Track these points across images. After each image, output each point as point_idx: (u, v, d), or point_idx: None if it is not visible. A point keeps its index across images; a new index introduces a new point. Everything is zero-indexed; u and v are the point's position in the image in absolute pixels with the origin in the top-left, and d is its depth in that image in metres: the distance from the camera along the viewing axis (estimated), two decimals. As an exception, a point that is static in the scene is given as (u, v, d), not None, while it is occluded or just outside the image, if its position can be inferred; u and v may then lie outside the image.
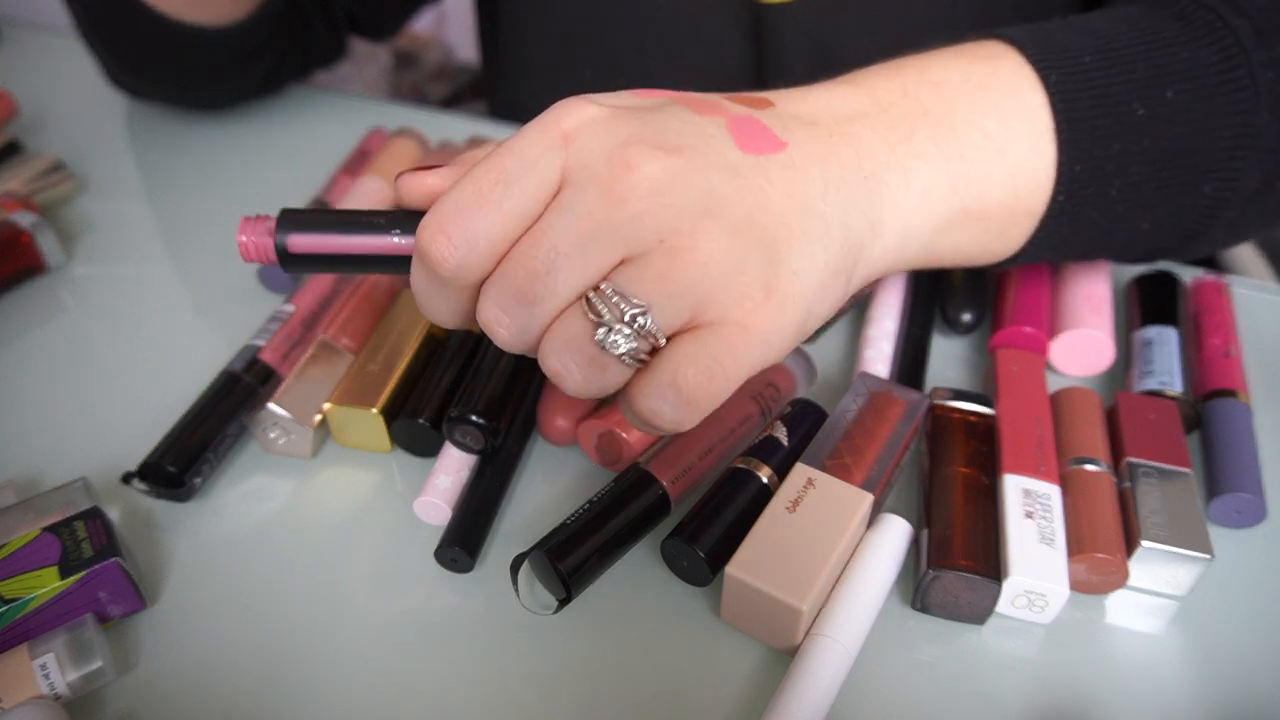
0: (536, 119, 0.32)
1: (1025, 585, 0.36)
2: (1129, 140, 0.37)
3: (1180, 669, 0.37)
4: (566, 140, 0.31)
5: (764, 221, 0.32)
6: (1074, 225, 0.40)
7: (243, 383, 0.44)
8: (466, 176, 0.31)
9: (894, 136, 0.36)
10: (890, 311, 0.50)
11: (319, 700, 0.36)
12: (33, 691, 0.34)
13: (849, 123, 0.35)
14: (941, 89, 0.37)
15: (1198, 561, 0.37)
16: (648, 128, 0.31)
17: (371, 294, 0.49)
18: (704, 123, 0.33)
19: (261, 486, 0.43)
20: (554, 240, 0.30)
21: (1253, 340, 0.49)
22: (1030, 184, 0.38)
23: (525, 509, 0.43)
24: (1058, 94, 0.37)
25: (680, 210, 0.30)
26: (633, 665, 0.37)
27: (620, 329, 0.30)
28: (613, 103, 0.32)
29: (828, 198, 0.34)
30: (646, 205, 0.30)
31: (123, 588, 0.37)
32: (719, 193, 0.31)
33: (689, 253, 0.30)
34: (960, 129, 0.37)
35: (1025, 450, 0.41)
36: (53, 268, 0.55)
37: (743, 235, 0.31)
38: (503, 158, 0.31)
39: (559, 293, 0.30)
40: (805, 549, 0.36)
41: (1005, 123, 0.37)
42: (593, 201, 0.30)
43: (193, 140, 0.67)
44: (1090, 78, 0.37)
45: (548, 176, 0.31)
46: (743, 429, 0.43)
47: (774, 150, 0.33)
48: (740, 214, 0.31)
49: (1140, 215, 0.40)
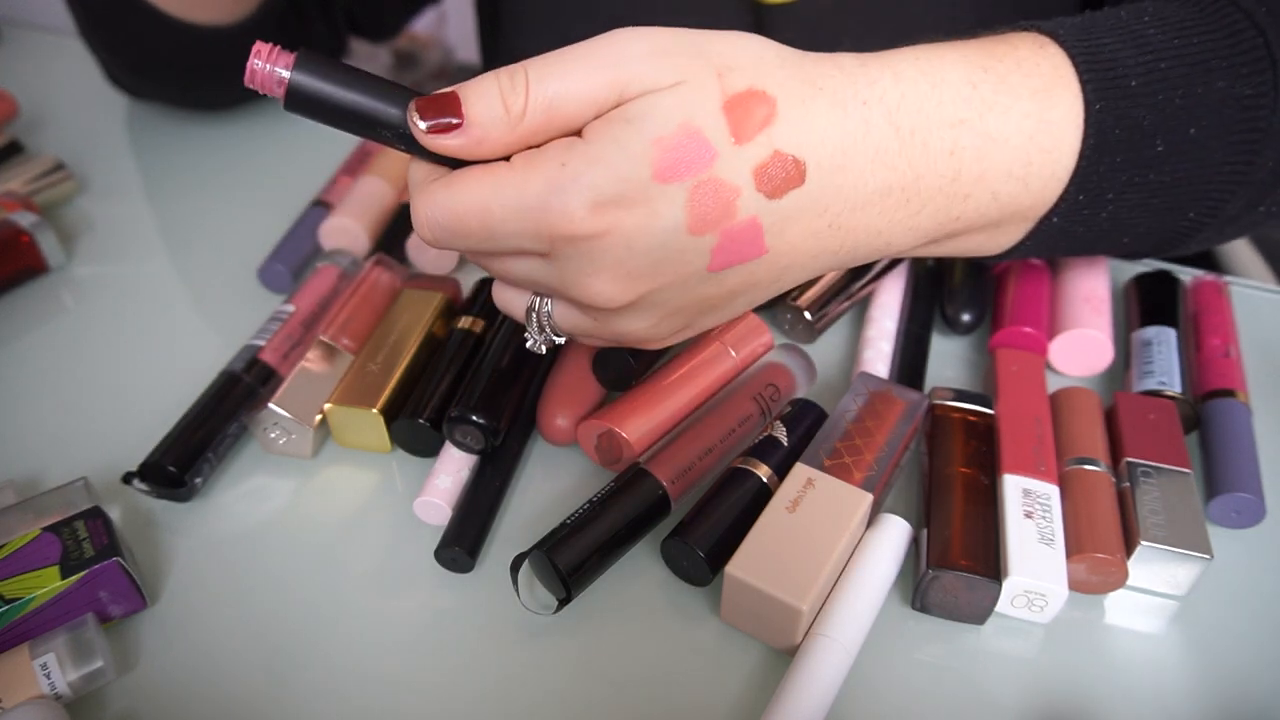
0: (534, 203, 0.32)
1: (1025, 585, 0.36)
2: (1137, 173, 0.37)
3: (1180, 669, 0.37)
4: (552, 245, 0.32)
5: (694, 317, 0.37)
6: (1060, 238, 0.40)
7: (243, 383, 0.44)
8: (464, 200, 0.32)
9: (902, 213, 0.36)
10: (890, 311, 0.50)
11: (319, 699, 0.36)
12: (33, 691, 0.34)
13: (862, 207, 0.35)
14: (988, 148, 0.35)
15: (1197, 561, 0.37)
16: (636, 254, 0.32)
17: (371, 294, 0.49)
18: (688, 248, 0.33)
19: (261, 486, 0.44)
20: (516, 280, 0.36)
21: (1252, 340, 0.49)
22: (1018, 219, 0.38)
23: (525, 509, 0.43)
24: (1094, 137, 0.36)
25: (623, 317, 0.35)
26: (633, 665, 0.37)
27: (537, 337, 0.38)
28: (627, 201, 0.32)
29: (777, 282, 0.36)
30: (597, 311, 0.35)
31: (123, 587, 0.37)
32: (669, 306, 0.35)
33: (614, 331, 0.36)
34: (974, 195, 0.36)
35: (1025, 450, 0.41)
36: (53, 268, 0.55)
37: (666, 325, 0.36)
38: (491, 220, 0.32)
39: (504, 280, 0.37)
40: (805, 549, 0.36)
41: (1025, 181, 0.36)
42: (556, 288, 0.35)
43: (193, 140, 0.67)
44: (1129, 112, 0.36)
45: (527, 250, 0.34)
46: (743, 429, 0.43)
47: (746, 260, 0.34)
48: (677, 311, 0.36)
49: (1124, 232, 0.40)
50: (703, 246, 0.33)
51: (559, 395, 0.44)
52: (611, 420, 0.41)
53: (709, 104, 0.32)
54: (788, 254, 0.34)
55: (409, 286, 0.49)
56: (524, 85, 0.32)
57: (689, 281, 0.34)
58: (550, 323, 0.37)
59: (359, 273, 0.51)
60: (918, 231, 0.37)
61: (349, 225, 0.54)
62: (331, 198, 0.57)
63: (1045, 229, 0.39)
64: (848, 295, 0.49)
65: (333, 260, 0.52)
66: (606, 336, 0.37)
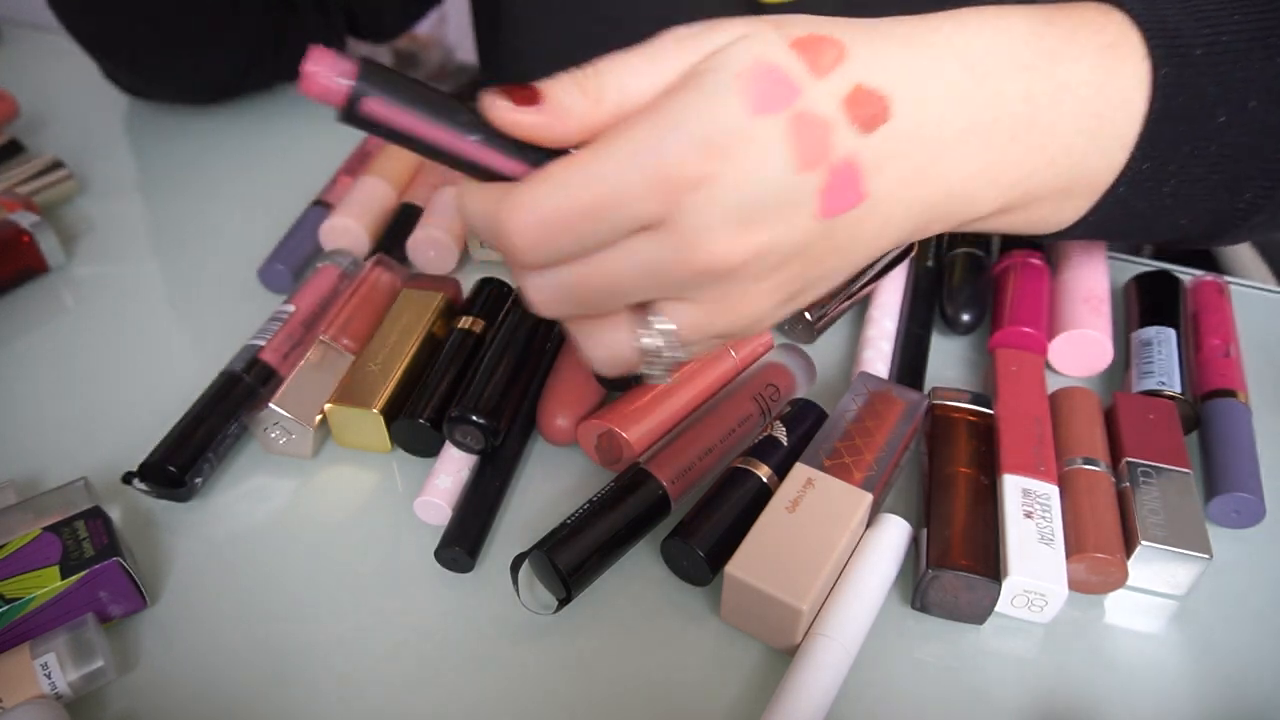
0: (642, 148, 0.30)
1: (1024, 585, 0.36)
2: (1200, 143, 0.38)
3: (1180, 669, 0.37)
4: (667, 197, 0.31)
5: (803, 284, 0.35)
6: (1122, 214, 0.40)
7: (243, 383, 0.44)
8: (564, 186, 0.31)
9: (983, 159, 0.35)
10: (890, 311, 0.50)
11: (319, 699, 0.36)
12: (34, 691, 0.34)
13: (948, 149, 0.34)
14: (1060, 95, 0.35)
15: (1197, 561, 0.37)
16: (749, 198, 0.31)
17: (371, 294, 0.49)
18: (798, 187, 0.32)
19: (261, 486, 0.44)
20: (626, 282, 0.33)
21: (1252, 340, 0.49)
22: (1087, 187, 0.38)
23: (525, 509, 0.43)
24: (1159, 101, 0.36)
25: (740, 284, 0.33)
26: (633, 665, 0.37)
27: (662, 362, 0.35)
28: (728, 144, 0.31)
29: (881, 234, 0.35)
30: (714, 278, 0.33)
31: (123, 587, 0.37)
32: (781, 267, 0.33)
33: (731, 310, 0.34)
34: (1049, 147, 0.36)
35: (1025, 450, 0.41)
36: (53, 268, 0.55)
37: (780, 292, 0.34)
38: (602, 188, 0.30)
39: (611, 307, 0.34)
40: (805, 549, 0.36)
41: (1095, 138, 0.37)
42: (671, 263, 0.32)
43: (193, 140, 0.67)
44: (1194, 81, 0.37)
45: (641, 220, 0.31)
46: (743, 429, 0.43)
47: (851, 207, 0.33)
48: (789, 277, 0.34)
49: (1183, 211, 0.40)
50: (810, 186, 0.32)
51: (559, 395, 0.44)
52: (611, 420, 0.41)
53: (778, 46, 0.32)
54: (886, 202, 0.34)
55: (409, 286, 0.49)
56: (595, 74, 0.32)
57: (800, 232, 0.33)
58: (667, 336, 0.34)
59: (359, 273, 0.51)
60: (998, 187, 0.36)
61: (349, 225, 0.54)
62: (331, 198, 0.57)
63: (1110, 201, 0.39)
64: (848, 295, 0.49)
65: (333, 260, 0.52)
66: (722, 326, 0.35)
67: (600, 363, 0.35)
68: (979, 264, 0.52)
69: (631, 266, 0.32)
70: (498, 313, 0.48)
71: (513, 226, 0.31)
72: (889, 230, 0.35)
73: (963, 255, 0.52)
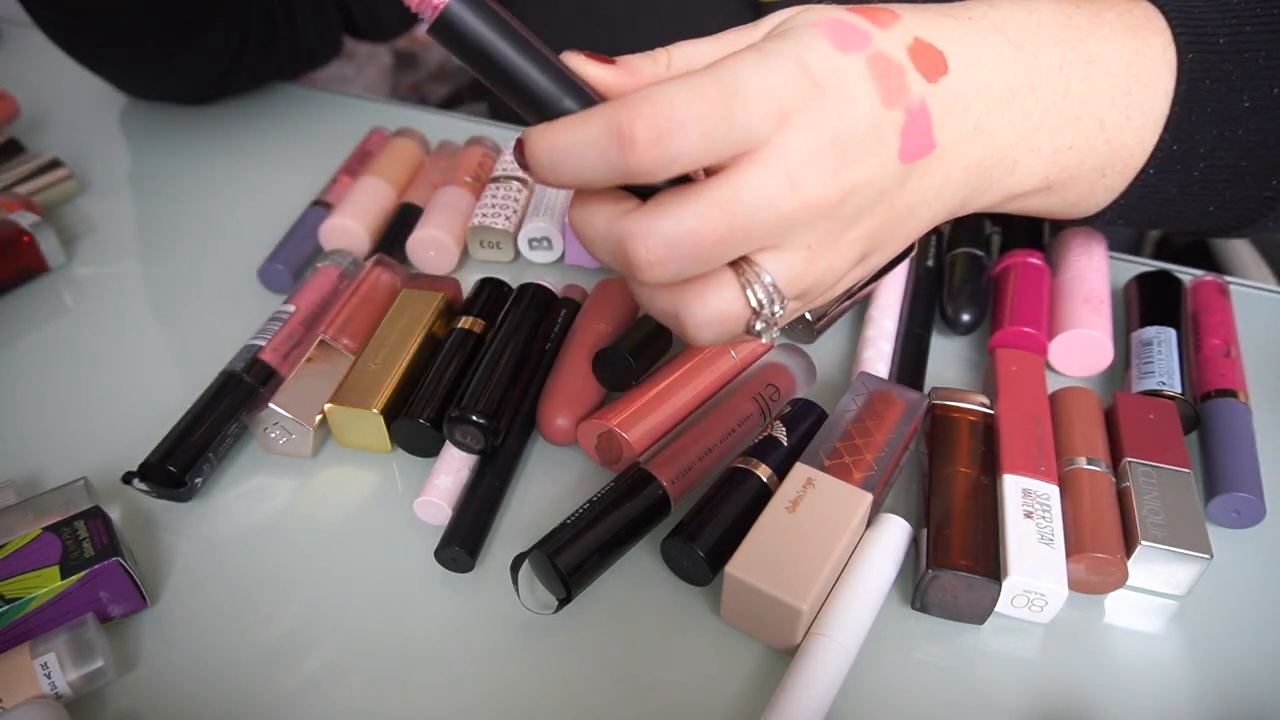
0: (761, 68, 0.31)
1: (1024, 585, 0.36)
2: (1227, 127, 0.39)
3: (1180, 669, 0.37)
4: (783, 120, 0.31)
5: (877, 242, 0.36)
6: (1153, 198, 0.41)
7: (243, 383, 0.44)
8: (691, 85, 0.31)
9: (1025, 125, 0.37)
10: (890, 312, 0.50)
11: (319, 699, 0.36)
12: (34, 691, 0.34)
13: (996, 110, 0.36)
14: (1092, 68, 0.37)
15: (1197, 561, 0.37)
16: (845, 130, 0.32)
17: (371, 294, 0.49)
18: (884, 122, 0.33)
19: (261, 486, 0.44)
20: (743, 219, 0.31)
21: (1252, 340, 0.49)
22: (1120, 167, 0.40)
23: (525, 509, 0.43)
24: (1186, 83, 0.38)
25: (835, 227, 0.34)
26: (633, 665, 0.37)
27: (765, 317, 0.34)
28: (822, 78, 0.32)
29: (940, 197, 0.36)
30: (814, 214, 0.33)
31: (124, 587, 0.37)
32: (867, 212, 0.34)
33: (820, 260, 0.34)
34: (1083, 119, 0.38)
35: (1025, 450, 0.41)
36: (53, 268, 0.55)
37: (860, 246, 0.35)
38: (730, 99, 0.30)
39: (719, 257, 0.33)
40: (805, 549, 0.36)
41: (1127, 114, 0.38)
42: (780, 197, 0.32)
43: (193, 141, 0.67)
44: (1219, 65, 0.38)
45: (756, 140, 0.31)
46: (743, 429, 0.43)
47: (924, 154, 0.34)
48: (869, 229, 0.35)
49: (1212, 197, 0.41)
50: (893, 123, 0.33)
51: (559, 395, 0.44)
52: (611, 420, 0.41)
53: (837, 10, 0.33)
54: (948, 157, 0.35)
55: (409, 286, 0.49)
56: (665, 50, 0.34)
57: (886, 173, 0.34)
58: (768, 289, 0.34)
59: (359, 273, 0.51)
60: (1039, 156, 0.38)
61: (349, 225, 0.54)
62: (331, 198, 0.57)
63: (1141, 184, 0.40)
64: (848, 295, 0.49)
65: (333, 260, 0.52)
66: (811, 279, 0.34)
67: (710, 328, 0.34)
68: (979, 264, 0.52)
69: (744, 204, 0.31)
70: (498, 313, 0.48)
71: (638, 113, 0.30)
72: (947, 192, 0.36)
73: (963, 255, 0.52)
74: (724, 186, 0.31)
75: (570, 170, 0.31)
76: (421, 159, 0.61)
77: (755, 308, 0.34)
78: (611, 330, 0.46)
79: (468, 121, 0.69)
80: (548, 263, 0.56)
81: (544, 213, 0.55)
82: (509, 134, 0.66)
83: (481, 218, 0.55)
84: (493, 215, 0.55)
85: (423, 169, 0.61)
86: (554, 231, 0.54)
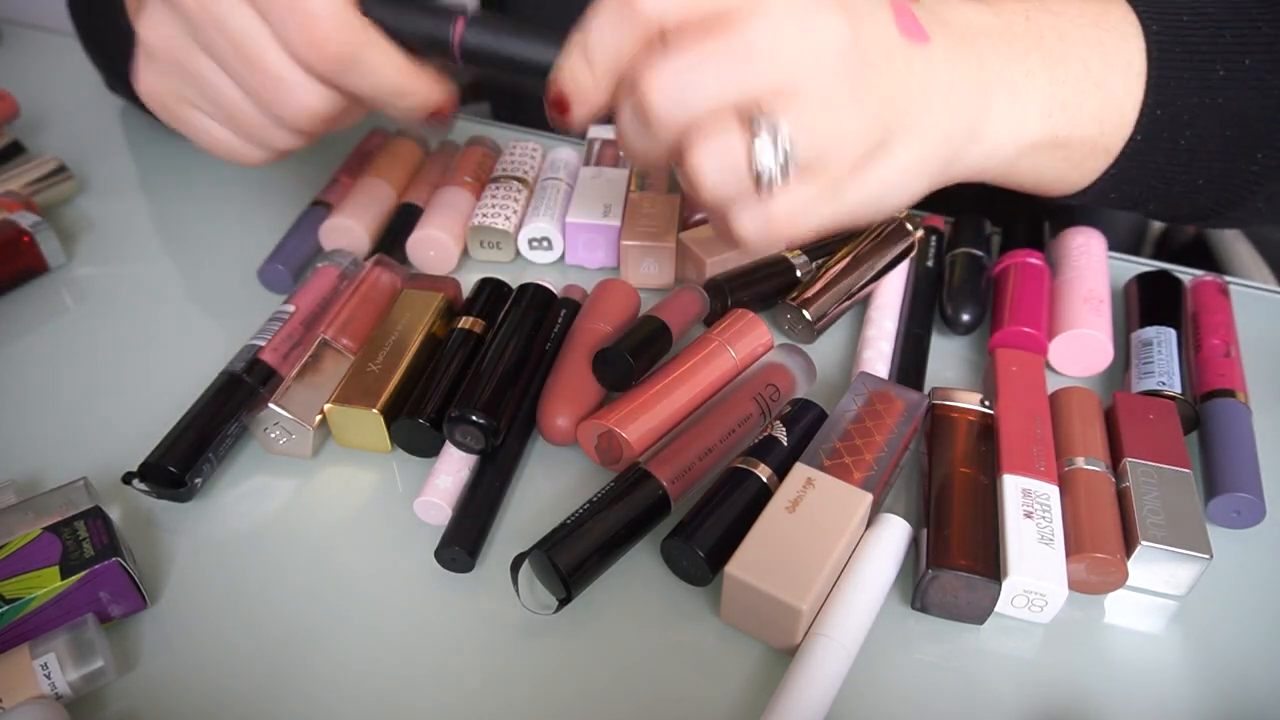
0: None
1: (1024, 585, 0.36)
2: (1206, 95, 0.41)
3: (1180, 669, 0.37)
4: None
5: (892, 111, 0.36)
6: (1143, 168, 0.43)
7: (243, 383, 0.44)
8: None
9: (1011, 54, 0.39)
10: (890, 312, 0.50)
11: (319, 699, 0.36)
12: (34, 691, 0.34)
13: (978, 36, 0.39)
14: (1058, 19, 0.40)
15: (1197, 561, 0.37)
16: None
17: (371, 294, 0.49)
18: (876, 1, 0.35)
19: (261, 486, 0.44)
20: (752, 51, 0.33)
21: (1252, 340, 0.49)
22: (1115, 121, 0.41)
23: (525, 509, 0.43)
24: (1155, 44, 0.40)
25: (845, 77, 0.34)
26: (633, 664, 0.37)
27: (768, 148, 0.34)
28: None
29: (947, 100, 0.37)
30: (826, 59, 0.33)
31: (124, 587, 0.37)
32: (877, 69, 0.35)
33: (831, 115, 0.34)
34: (1068, 59, 0.40)
35: (1024, 450, 0.41)
36: (54, 268, 0.55)
37: (873, 113, 0.35)
38: None
39: (728, 97, 0.33)
40: (805, 549, 0.36)
41: (1106, 60, 0.40)
42: (787, 34, 0.33)
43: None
44: (1185, 35, 0.41)
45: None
46: (743, 429, 0.43)
47: (920, 41, 0.36)
48: (882, 97, 0.35)
49: (1199, 169, 0.43)
50: (883, 4, 0.35)
51: (559, 395, 0.44)
52: (611, 420, 0.41)
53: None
54: (945, 61, 0.37)
55: (409, 286, 0.49)
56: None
57: (886, 34, 0.35)
58: (777, 135, 0.34)
59: (359, 273, 0.51)
60: (1034, 83, 0.40)
61: (349, 225, 0.54)
62: (331, 198, 0.57)
63: (1131, 151, 0.42)
64: (848, 295, 0.49)
65: (333, 260, 0.52)
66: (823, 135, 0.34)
67: (714, 176, 0.34)
68: (979, 264, 0.52)
69: (752, 39, 0.33)
70: (498, 313, 0.48)
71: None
72: (954, 96, 0.37)
73: (963, 255, 0.52)
74: (731, 27, 0.33)
75: (600, 50, 0.34)
76: (421, 159, 0.62)
77: (759, 157, 0.34)
78: (611, 330, 0.46)
79: (468, 121, 0.69)
80: (548, 263, 0.56)
81: (544, 213, 0.55)
82: (509, 134, 0.66)
83: (481, 218, 0.55)
84: (493, 215, 0.55)
85: (423, 169, 0.61)
86: (554, 231, 0.54)
